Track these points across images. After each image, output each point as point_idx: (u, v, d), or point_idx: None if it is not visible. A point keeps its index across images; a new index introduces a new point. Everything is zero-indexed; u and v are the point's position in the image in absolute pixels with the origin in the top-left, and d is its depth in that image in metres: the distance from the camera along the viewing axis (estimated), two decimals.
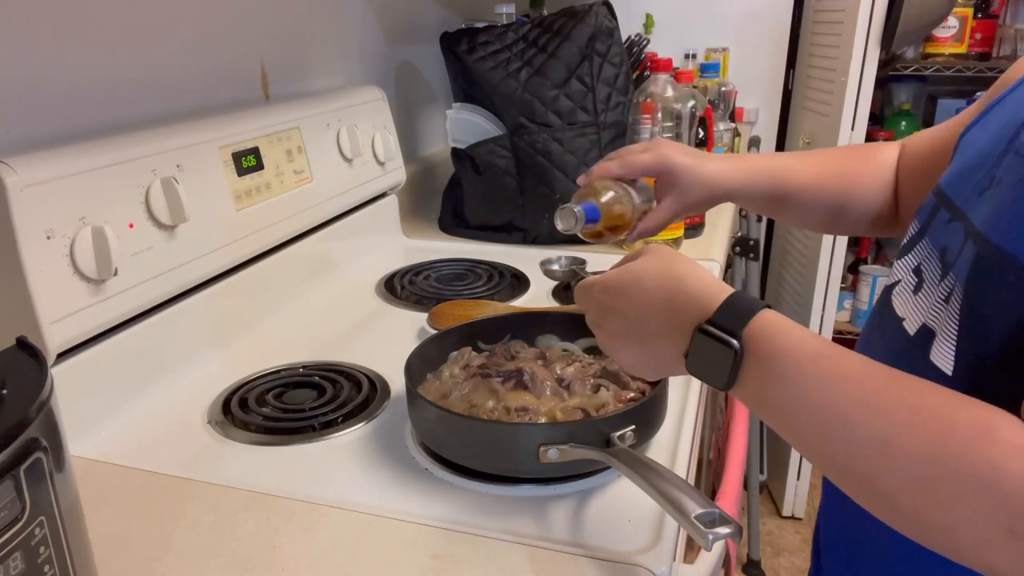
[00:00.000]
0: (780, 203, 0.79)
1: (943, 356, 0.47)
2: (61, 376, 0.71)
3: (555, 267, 0.90)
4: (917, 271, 0.54)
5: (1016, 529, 0.36)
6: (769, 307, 0.48)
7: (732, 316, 0.48)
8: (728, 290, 0.50)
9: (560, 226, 0.74)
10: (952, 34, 1.92)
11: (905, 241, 0.58)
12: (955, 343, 0.46)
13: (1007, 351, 0.42)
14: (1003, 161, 0.48)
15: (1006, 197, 0.46)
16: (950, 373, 0.46)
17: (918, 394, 0.41)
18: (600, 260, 1.26)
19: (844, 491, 0.44)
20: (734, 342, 0.47)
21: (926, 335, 0.49)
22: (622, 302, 0.55)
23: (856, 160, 0.79)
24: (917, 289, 0.52)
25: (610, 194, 0.76)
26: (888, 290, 0.57)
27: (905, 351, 0.52)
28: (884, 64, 1.86)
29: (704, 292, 0.50)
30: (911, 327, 0.52)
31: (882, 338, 0.57)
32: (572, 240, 1.36)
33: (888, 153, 0.77)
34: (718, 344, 0.47)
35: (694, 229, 1.37)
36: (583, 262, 0.94)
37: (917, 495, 0.39)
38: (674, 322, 0.51)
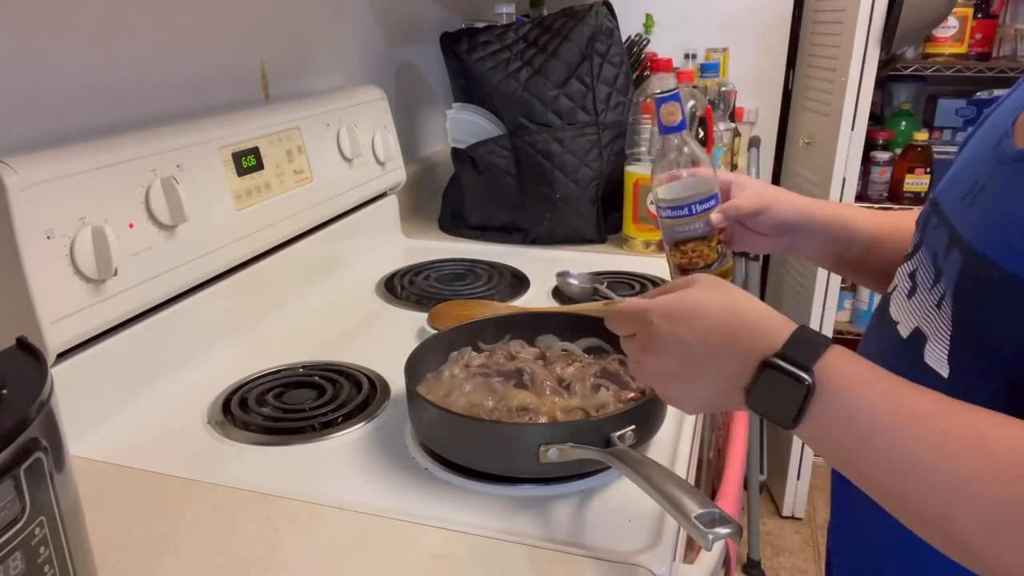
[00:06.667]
0: (840, 242, 0.75)
1: (937, 359, 0.47)
2: (61, 376, 0.71)
3: (573, 281, 0.83)
4: (912, 276, 0.54)
5: None
6: (835, 342, 0.46)
7: (803, 349, 0.46)
8: (792, 324, 0.48)
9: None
10: (952, 34, 1.92)
11: (909, 250, 0.58)
12: (947, 347, 0.46)
13: (999, 355, 0.42)
14: (986, 168, 0.49)
15: (987, 204, 0.46)
16: (946, 376, 0.46)
17: (989, 429, 0.40)
18: (603, 261, 1.26)
19: (919, 535, 0.43)
20: (806, 377, 0.44)
21: (918, 338, 0.49)
22: (685, 330, 0.51)
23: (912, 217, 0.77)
24: (911, 294, 0.53)
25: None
26: (887, 295, 0.58)
27: (899, 353, 0.52)
28: (884, 64, 1.86)
29: (769, 324, 0.49)
30: (904, 330, 0.52)
31: (878, 341, 0.57)
32: (573, 241, 1.37)
33: None
34: (787, 378, 0.45)
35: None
36: (602, 281, 0.87)
37: (996, 539, 0.38)
38: (738, 355, 0.48)
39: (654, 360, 0.53)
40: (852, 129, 1.82)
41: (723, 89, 1.84)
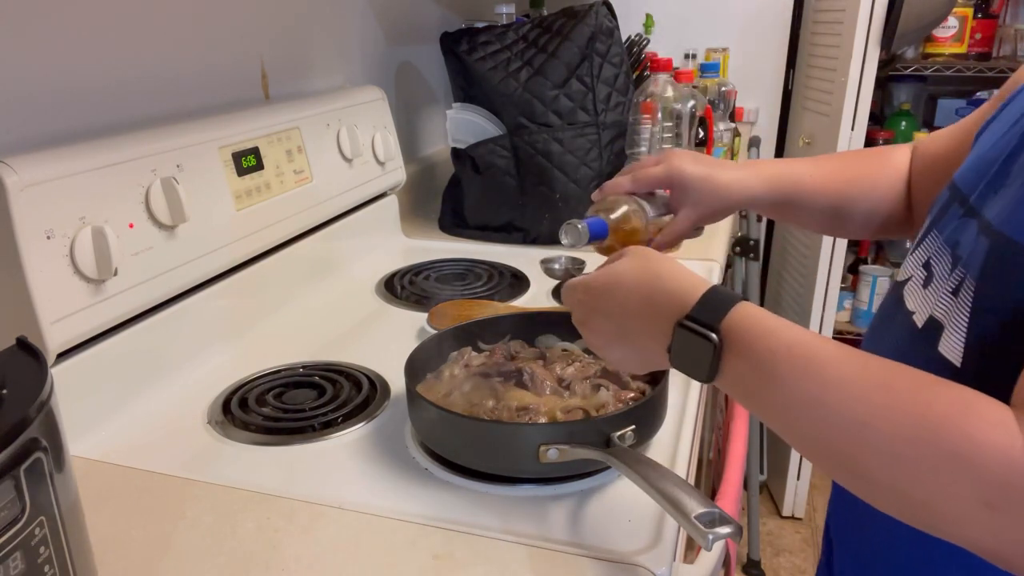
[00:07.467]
0: (795, 209, 0.79)
1: (952, 348, 0.47)
2: (61, 376, 0.71)
3: (555, 266, 0.89)
4: (927, 265, 0.54)
5: (992, 502, 0.37)
6: (746, 299, 0.49)
7: (710, 310, 0.49)
8: (706, 284, 0.51)
9: (565, 242, 0.73)
10: (952, 34, 1.92)
11: (918, 237, 0.58)
12: (964, 334, 0.46)
13: (1018, 343, 0.42)
14: (1018, 157, 0.48)
15: (1019, 192, 0.46)
16: (959, 364, 0.46)
17: (893, 376, 0.42)
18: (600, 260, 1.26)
19: (823, 472, 0.45)
20: (712, 335, 0.48)
21: (933, 327, 0.49)
22: (605, 302, 0.56)
23: (869, 163, 0.78)
24: (927, 283, 0.53)
25: (622, 209, 0.75)
26: (899, 287, 0.58)
27: (913, 343, 0.52)
28: (884, 64, 1.86)
29: (682, 288, 0.52)
30: (920, 320, 0.52)
31: (890, 332, 0.57)
32: None
33: (900, 156, 0.77)
34: (698, 338, 0.49)
35: (695, 229, 1.36)
36: (582, 263, 0.93)
37: (895, 473, 0.40)
38: (655, 319, 0.52)
39: (589, 331, 0.59)
40: (852, 129, 1.82)
41: (723, 89, 1.84)
